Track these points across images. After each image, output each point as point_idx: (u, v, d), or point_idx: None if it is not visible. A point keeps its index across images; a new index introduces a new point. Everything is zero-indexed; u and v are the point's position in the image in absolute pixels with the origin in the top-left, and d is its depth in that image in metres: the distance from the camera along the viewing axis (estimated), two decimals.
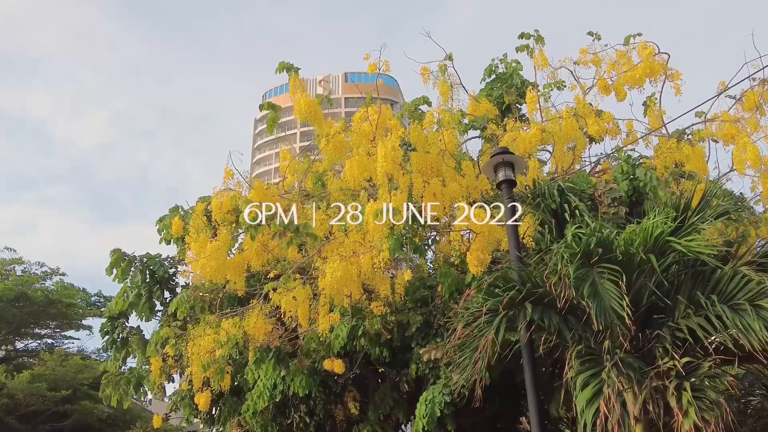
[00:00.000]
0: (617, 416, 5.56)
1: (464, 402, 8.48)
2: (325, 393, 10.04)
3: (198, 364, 8.63)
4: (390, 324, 9.03)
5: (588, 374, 5.90)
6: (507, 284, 6.40)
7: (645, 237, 6.13)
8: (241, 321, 8.55)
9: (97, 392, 19.65)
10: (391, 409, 9.75)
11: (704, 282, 6.40)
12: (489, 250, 7.60)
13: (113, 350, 10.73)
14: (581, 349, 6.17)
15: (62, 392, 21.31)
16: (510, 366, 8.79)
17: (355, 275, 7.93)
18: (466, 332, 6.65)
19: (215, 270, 8.51)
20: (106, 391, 10.37)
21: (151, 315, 10.34)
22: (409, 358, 9.44)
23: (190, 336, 8.81)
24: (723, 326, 6.05)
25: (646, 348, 6.15)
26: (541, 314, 6.16)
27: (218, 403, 10.48)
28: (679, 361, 5.69)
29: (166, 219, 10.00)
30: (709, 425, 5.36)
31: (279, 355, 8.73)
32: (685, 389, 5.51)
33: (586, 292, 5.81)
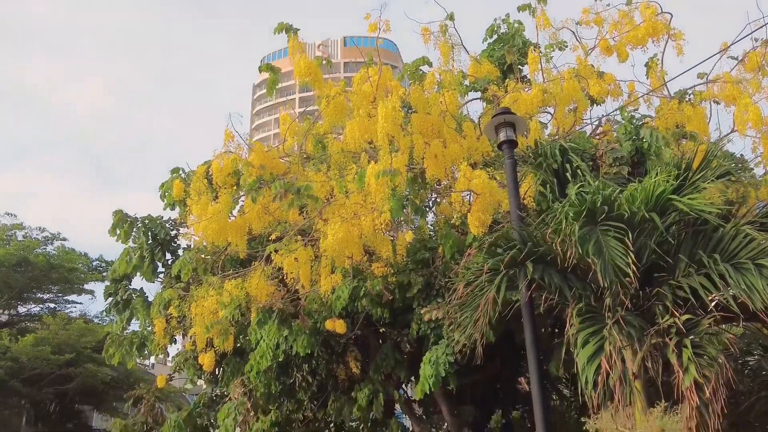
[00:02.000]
0: (619, 373, 5.63)
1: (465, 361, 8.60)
2: (327, 353, 10.15)
3: (201, 325, 8.70)
4: (391, 285, 9.09)
5: (589, 331, 5.96)
6: (508, 244, 6.44)
7: (647, 195, 6.15)
8: (244, 282, 8.60)
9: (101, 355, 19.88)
10: (393, 369, 9.86)
11: (705, 241, 6.44)
12: (490, 211, 7.61)
13: (116, 312, 10.82)
14: (582, 307, 6.23)
15: (66, 355, 21.51)
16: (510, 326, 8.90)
17: (357, 237, 7.95)
18: (467, 292, 6.71)
19: (217, 232, 8.53)
20: (110, 351, 10.46)
21: (154, 277, 10.40)
22: (410, 319, 9.52)
23: (193, 297, 8.87)
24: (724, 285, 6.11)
25: (646, 306, 6.21)
26: (541, 273, 6.21)
27: (221, 363, 10.60)
28: (680, 319, 5.75)
29: (168, 182, 10.01)
30: (709, 382, 5.44)
31: (282, 316, 8.79)
32: (685, 346, 5.58)
33: (591, 250, 5.85)
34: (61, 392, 23.92)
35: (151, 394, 12.35)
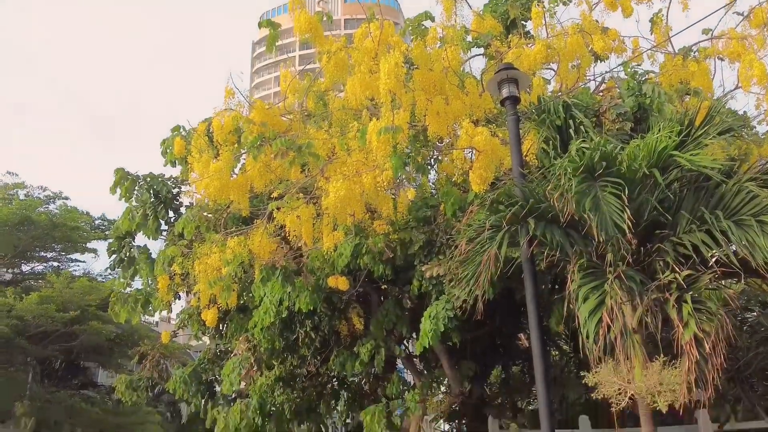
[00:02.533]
0: (620, 326, 5.70)
1: (465, 317, 8.69)
2: (330, 309, 10.25)
3: (205, 282, 8.76)
4: (393, 242, 9.14)
5: (590, 286, 6.01)
6: (510, 200, 6.45)
7: (649, 151, 6.14)
8: (246, 240, 8.64)
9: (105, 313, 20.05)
10: (394, 325, 9.98)
11: (707, 197, 6.46)
12: (492, 168, 7.60)
13: (121, 269, 10.90)
14: (583, 263, 6.27)
15: (70, 313, 21.68)
16: (510, 284, 8.97)
17: (358, 194, 7.95)
18: (469, 248, 6.75)
19: (218, 190, 8.53)
20: (115, 309, 10.56)
21: (157, 234, 10.45)
22: (411, 276, 9.60)
23: (196, 254, 8.93)
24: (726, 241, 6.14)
25: (647, 262, 6.25)
26: (543, 229, 6.23)
27: (225, 320, 10.72)
28: (681, 275, 5.80)
29: (169, 140, 9.98)
30: (708, 336, 5.51)
31: (284, 273, 8.86)
32: (685, 301, 5.64)
33: (588, 206, 5.87)
34: (66, 349, 24.19)
35: (156, 351, 12.52)
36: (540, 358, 6.16)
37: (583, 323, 5.93)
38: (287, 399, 11.29)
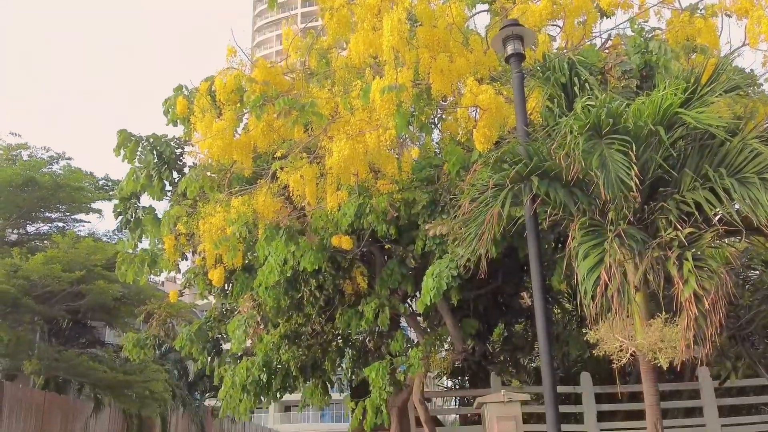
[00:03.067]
0: (617, 284, 5.75)
1: (468, 276, 8.76)
2: (334, 268, 10.33)
3: (210, 242, 8.82)
4: (396, 202, 9.17)
5: (590, 244, 6.05)
6: (514, 159, 6.45)
7: (654, 109, 6.12)
8: (250, 200, 8.67)
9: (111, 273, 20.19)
10: (399, 284, 10.07)
11: (712, 155, 6.46)
12: (496, 127, 7.57)
13: (128, 230, 10.96)
14: (585, 221, 6.30)
15: (76, 273, 21.76)
16: (513, 243, 9.03)
17: (362, 154, 7.95)
18: (472, 207, 6.78)
19: (222, 150, 8.54)
20: (122, 269, 10.65)
21: (162, 195, 10.48)
22: (415, 235, 9.65)
23: (200, 214, 8.97)
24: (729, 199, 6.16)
25: (650, 220, 6.28)
26: (546, 188, 6.25)
27: (230, 279, 10.81)
28: (683, 232, 5.83)
29: (171, 99, 9.94)
30: (708, 294, 5.56)
31: (289, 232, 8.91)
32: (686, 258, 5.68)
33: (595, 163, 5.87)
34: (73, 309, 24.40)
35: (163, 309, 12.65)
36: (542, 315, 6.23)
37: (582, 281, 5.99)
38: (293, 356, 11.46)
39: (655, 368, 6.52)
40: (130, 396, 25.56)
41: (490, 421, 9.15)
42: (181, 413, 34.24)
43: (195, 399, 36.05)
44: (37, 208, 26.55)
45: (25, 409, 23.84)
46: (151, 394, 25.57)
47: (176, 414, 33.76)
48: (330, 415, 64.38)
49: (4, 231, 26.61)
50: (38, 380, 25.67)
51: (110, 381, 24.06)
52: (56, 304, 23.43)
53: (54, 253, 22.37)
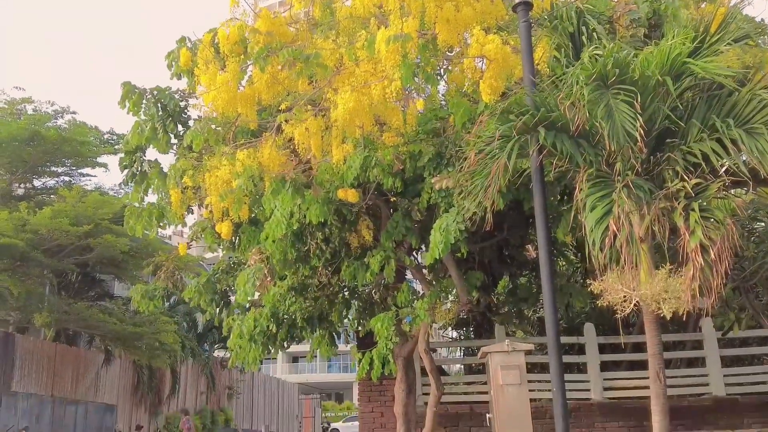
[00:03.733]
0: (626, 234, 5.77)
1: (474, 228, 8.79)
2: (340, 221, 10.36)
3: (216, 195, 8.83)
4: (402, 155, 9.14)
5: (598, 195, 6.06)
6: (520, 109, 6.41)
7: (662, 59, 6.05)
8: (256, 153, 8.65)
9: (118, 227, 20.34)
10: (404, 236, 10.10)
11: (719, 106, 6.40)
12: (503, 77, 7.49)
13: (134, 183, 10.98)
14: (592, 172, 6.30)
15: (84, 227, 21.92)
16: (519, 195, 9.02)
17: (367, 106, 7.89)
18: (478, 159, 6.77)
19: (226, 102, 8.48)
20: (130, 222, 10.68)
21: (167, 148, 10.46)
22: (420, 188, 9.65)
23: (206, 167, 8.97)
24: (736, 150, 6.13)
25: (656, 171, 6.27)
26: (553, 139, 6.23)
27: (237, 232, 10.87)
28: (689, 183, 5.83)
29: (175, 52, 9.84)
30: (714, 244, 5.59)
31: (295, 185, 8.91)
32: (693, 209, 5.69)
33: (600, 114, 5.84)
34: (81, 262, 24.65)
35: (171, 262, 12.75)
36: (547, 266, 6.27)
37: (590, 232, 6.01)
38: (299, 308, 11.60)
39: (659, 319, 6.59)
40: (140, 347, 25.99)
41: (494, 370, 9.30)
42: (190, 364, 34.89)
43: (204, 350, 36.66)
44: (42, 163, 26.58)
45: (36, 361, 24.31)
46: (160, 346, 26.00)
47: (186, 365, 34.40)
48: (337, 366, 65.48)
49: (10, 185, 26.72)
50: (49, 333, 26.10)
51: (120, 333, 24.45)
52: (65, 257, 23.66)
53: (61, 207, 22.50)
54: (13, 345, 23.43)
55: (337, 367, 65.48)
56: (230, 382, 40.19)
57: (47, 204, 24.21)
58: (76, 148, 25.91)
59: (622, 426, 13.18)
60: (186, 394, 34.77)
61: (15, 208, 23.04)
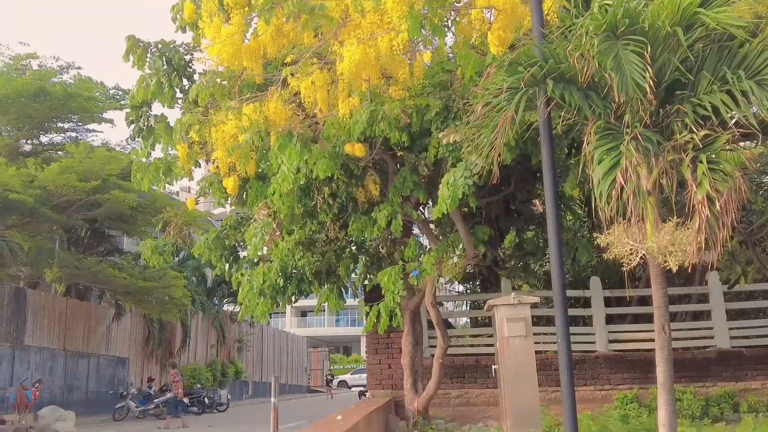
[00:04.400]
0: (633, 187, 5.76)
1: (481, 182, 8.79)
2: (347, 176, 10.36)
3: (222, 150, 8.82)
4: (409, 108, 9.08)
5: (606, 148, 6.02)
6: (529, 61, 6.34)
7: (673, 9, 5.94)
8: (262, 107, 8.60)
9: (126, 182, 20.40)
10: (411, 191, 10.09)
11: (730, 57, 6.31)
12: (511, 28, 7.38)
13: (140, 138, 10.96)
14: (600, 125, 6.25)
15: (92, 183, 21.99)
16: (527, 149, 8.99)
17: (373, 59, 7.81)
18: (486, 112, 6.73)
19: (231, 56, 8.41)
20: (137, 176, 10.69)
21: (173, 102, 10.40)
22: (427, 143, 9.62)
23: (212, 122, 8.93)
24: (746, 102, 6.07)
25: (665, 123, 6.22)
26: (561, 91, 6.16)
27: (245, 187, 10.88)
28: (698, 135, 5.78)
29: (179, 4, 9.71)
30: (721, 196, 5.57)
31: (301, 140, 8.88)
32: (700, 161, 5.66)
33: (610, 65, 5.77)
34: (90, 218, 24.83)
35: (179, 217, 12.80)
36: (554, 220, 6.28)
37: (597, 185, 5.99)
38: (307, 262, 11.69)
39: (665, 272, 6.62)
40: (151, 302, 26.34)
41: (500, 322, 9.40)
42: (200, 318, 35.40)
43: (214, 304, 37.14)
44: (49, 119, 26.56)
45: (48, 315, 24.70)
46: (170, 300, 26.34)
47: (196, 318, 34.90)
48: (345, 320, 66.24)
49: (17, 142, 26.75)
50: (60, 288, 26.45)
51: (130, 287, 24.75)
52: (73, 213, 23.82)
53: (69, 163, 22.56)
54: (24, 300, 23.79)
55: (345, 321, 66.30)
56: (240, 336, 40.82)
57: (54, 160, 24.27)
58: (82, 103, 25.84)
59: (626, 377, 13.37)
60: (197, 347, 35.36)
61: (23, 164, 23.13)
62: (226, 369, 37.18)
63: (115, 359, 28.38)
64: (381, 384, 14.14)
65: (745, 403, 12.40)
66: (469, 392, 13.67)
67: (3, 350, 22.15)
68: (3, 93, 23.89)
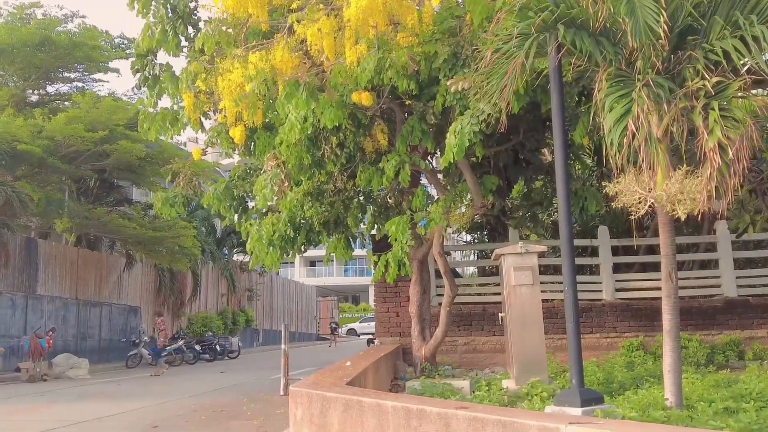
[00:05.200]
0: (644, 134, 5.70)
1: (489, 131, 8.72)
2: (354, 125, 10.29)
3: (229, 99, 8.76)
4: (417, 56, 8.94)
5: (617, 95, 5.94)
6: (540, 5, 6.21)
7: None
8: (268, 55, 8.51)
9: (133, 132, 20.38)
10: (419, 141, 10.03)
11: (743, 2, 6.17)
12: None
13: (147, 88, 10.89)
14: (611, 71, 6.16)
15: (99, 133, 21.95)
16: (536, 97, 8.89)
17: (381, 4, 7.67)
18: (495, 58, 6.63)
19: (236, 2, 8.30)
20: (144, 126, 10.67)
21: (178, 51, 10.31)
22: (435, 91, 9.51)
23: (218, 71, 8.85)
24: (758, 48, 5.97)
25: (677, 70, 6.12)
26: (572, 36, 6.06)
27: (252, 137, 10.84)
28: (710, 81, 5.70)
29: None
30: (732, 143, 5.51)
31: (308, 89, 8.79)
32: (712, 108, 5.58)
33: (623, 10, 5.65)
34: (99, 168, 24.88)
35: (188, 168, 12.80)
36: (562, 169, 6.23)
37: (608, 132, 5.94)
38: (316, 213, 11.72)
39: (673, 220, 6.61)
40: (161, 252, 26.60)
41: (507, 271, 9.46)
42: (211, 267, 35.78)
43: (224, 254, 37.50)
44: (55, 68, 26.41)
45: (59, 265, 25.01)
46: (180, 250, 26.58)
47: (206, 268, 35.28)
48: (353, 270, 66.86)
49: (24, 92, 26.66)
50: (70, 238, 26.70)
51: (140, 237, 24.96)
52: (82, 163, 23.88)
53: (76, 113, 22.51)
54: (36, 250, 24.06)
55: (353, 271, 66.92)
56: (250, 285, 41.32)
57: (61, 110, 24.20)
58: (87, 52, 25.65)
59: (632, 325, 13.49)
60: (207, 296, 35.85)
61: (30, 114, 23.09)
62: (237, 317, 37.75)
63: (127, 308, 28.83)
64: (389, 332, 14.34)
65: (750, 351, 12.52)
66: (476, 339, 13.86)
67: (16, 299, 22.52)
68: (8, 42, 23.71)
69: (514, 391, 8.25)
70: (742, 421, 5.24)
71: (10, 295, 22.31)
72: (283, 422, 9.18)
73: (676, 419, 5.55)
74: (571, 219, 6.47)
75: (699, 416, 5.83)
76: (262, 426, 9.56)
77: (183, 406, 12.33)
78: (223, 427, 9.69)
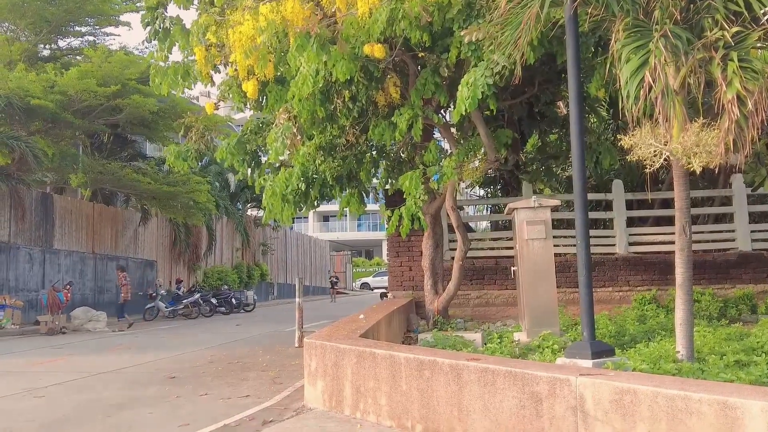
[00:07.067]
0: (662, 86, 5.60)
1: (504, 84, 8.60)
2: (367, 78, 10.16)
3: (240, 52, 8.68)
4: (430, 6, 8.78)
5: (634, 46, 5.83)
6: None
7: None
8: (279, 6, 8.39)
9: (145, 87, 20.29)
10: (432, 94, 9.91)
11: None
12: None
13: (158, 41, 10.81)
14: (629, 22, 6.02)
15: (111, 87, 21.89)
16: (551, 48, 8.73)
17: None
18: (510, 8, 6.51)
19: None
20: (156, 81, 10.62)
21: (188, 3, 10.19)
22: (449, 43, 9.36)
23: (229, 23, 8.76)
24: None
25: (695, 20, 5.98)
26: None
27: (264, 91, 10.76)
28: (729, 31, 5.57)
29: None
30: (751, 95, 5.41)
31: (320, 41, 8.68)
32: (731, 59, 5.47)
33: None
34: (112, 123, 24.89)
35: (200, 122, 12.76)
36: (577, 120, 6.15)
37: (624, 84, 5.84)
38: (328, 167, 11.70)
39: (688, 174, 6.54)
40: (175, 206, 26.77)
41: (519, 225, 9.44)
42: (225, 222, 36.03)
43: (238, 209, 37.69)
44: (66, 23, 26.22)
45: (75, 220, 25.26)
46: (195, 205, 26.73)
47: (221, 223, 35.53)
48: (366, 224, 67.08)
49: (35, 47, 26.54)
50: (86, 193, 26.89)
51: (155, 192, 25.10)
52: (95, 118, 23.88)
53: (88, 68, 22.44)
54: (51, 205, 24.28)
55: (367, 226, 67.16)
56: (264, 239, 41.62)
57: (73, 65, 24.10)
58: (98, 6, 25.43)
59: (645, 279, 13.51)
60: (222, 250, 36.18)
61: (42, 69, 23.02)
62: (252, 271, 38.15)
63: (143, 262, 29.18)
64: (402, 285, 14.45)
65: (763, 305, 12.52)
66: (488, 293, 13.94)
67: (34, 254, 22.83)
68: None
69: (525, 343, 8.31)
70: (753, 374, 5.27)
71: (28, 249, 22.61)
72: (298, 373, 9.34)
73: (686, 371, 5.59)
74: (585, 173, 6.42)
75: (710, 369, 5.87)
76: (278, 377, 9.73)
77: (200, 357, 12.56)
78: (240, 377, 9.87)
